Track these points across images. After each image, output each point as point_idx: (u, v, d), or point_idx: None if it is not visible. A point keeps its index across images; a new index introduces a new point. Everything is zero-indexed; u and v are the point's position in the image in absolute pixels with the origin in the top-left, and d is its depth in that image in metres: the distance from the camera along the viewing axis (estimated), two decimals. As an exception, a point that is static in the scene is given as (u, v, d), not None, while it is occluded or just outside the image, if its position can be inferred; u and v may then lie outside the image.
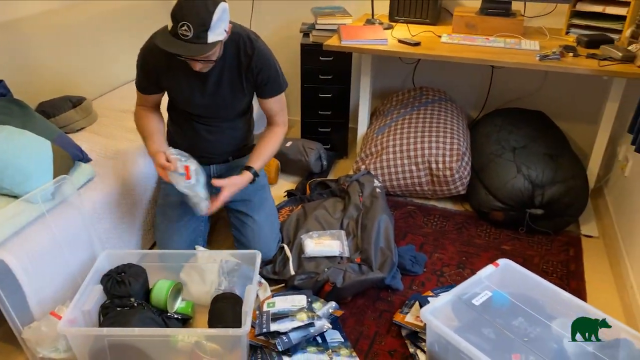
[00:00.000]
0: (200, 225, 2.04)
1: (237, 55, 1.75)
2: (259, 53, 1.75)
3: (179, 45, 1.52)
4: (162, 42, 1.54)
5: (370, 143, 2.58)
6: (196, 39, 1.51)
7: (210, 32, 1.52)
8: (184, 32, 1.50)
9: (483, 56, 2.18)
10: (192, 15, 1.48)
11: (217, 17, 1.51)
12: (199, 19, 1.49)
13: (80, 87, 2.41)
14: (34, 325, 1.51)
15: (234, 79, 1.78)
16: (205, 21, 1.50)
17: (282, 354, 1.55)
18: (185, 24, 1.49)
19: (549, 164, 2.24)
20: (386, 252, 1.97)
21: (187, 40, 1.51)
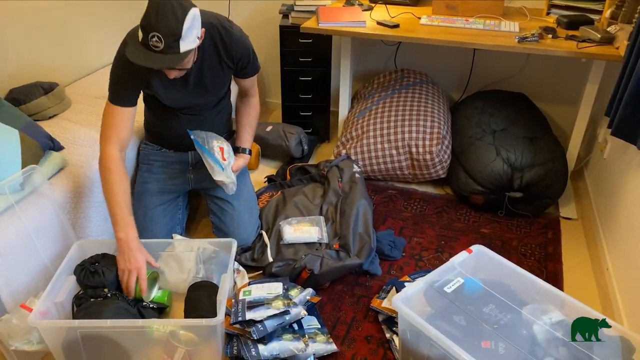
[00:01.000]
0: (178, 213, 2.02)
1: (213, 46, 1.72)
2: (236, 40, 1.73)
3: (151, 57, 1.47)
4: (134, 55, 1.49)
5: (350, 127, 2.56)
6: (168, 50, 1.46)
7: (182, 42, 1.47)
8: (155, 44, 1.45)
9: (462, 38, 2.15)
10: (161, 26, 1.43)
11: (187, 25, 1.46)
12: (169, 29, 1.43)
13: (52, 72, 2.35)
14: (4, 318, 1.49)
15: (215, 68, 1.76)
16: (176, 31, 1.44)
17: (257, 342, 1.55)
18: (156, 35, 1.43)
19: (528, 147, 2.24)
20: (364, 237, 1.96)
21: (159, 51, 1.46)
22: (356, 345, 1.68)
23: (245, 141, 1.97)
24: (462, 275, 1.41)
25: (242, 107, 1.96)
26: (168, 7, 1.43)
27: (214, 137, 1.86)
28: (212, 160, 1.80)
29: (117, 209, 1.62)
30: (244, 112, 1.96)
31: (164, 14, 1.43)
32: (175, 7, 1.44)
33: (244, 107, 1.96)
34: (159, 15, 1.42)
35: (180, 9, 1.45)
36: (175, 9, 1.44)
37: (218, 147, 1.82)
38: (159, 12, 1.43)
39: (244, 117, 1.97)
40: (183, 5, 1.46)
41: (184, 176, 1.97)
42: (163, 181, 1.93)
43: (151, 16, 1.43)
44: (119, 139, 1.70)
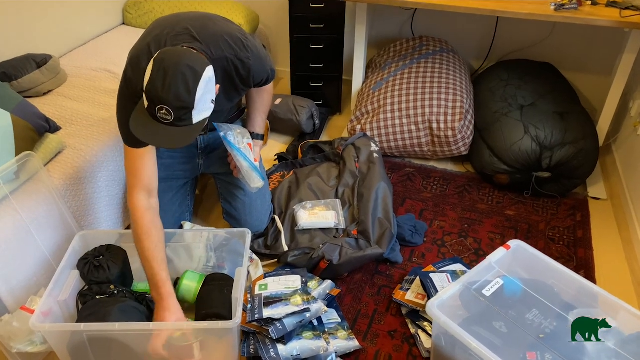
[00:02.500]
0: (187, 200, 1.90)
1: (229, 79, 1.50)
2: (255, 70, 1.51)
3: (159, 131, 1.25)
4: (138, 129, 1.27)
5: (366, 100, 2.40)
6: (179, 122, 1.24)
7: (195, 112, 1.25)
8: (164, 116, 1.23)
9: (488, 5, 1.96)
10: (170, 98, 1.20)
11: (200, 94, 1.23)
12: (180, 102, 1.21)
13: (43, 43, 2.17)
14: (5, 319, 1.39)
15: (230, 93, 1.57)
16: (187, 103, 1.22)
17: (276, 341, 1.46)
18: (164, 108, 1.22)
19: (559, 123, 2.09)
20: (385, 223, 1.84)
21: (168, 124, 1.25)
22: (379, 341, 1.58)
23: (258, 126, 1.81)
24: (500, 274, 1.29)
25: (255, 90, 1.77)
26: (178, 74, 1.20)
27: (241, 132, 1.69)
28: (249, 165, 1.64)
29: (148, 265, 1.44)
30: (257, 95, 1.77)
31: (174, 84, 1.20)
32: (186, 74, 1.21)
33: (256, 91, 1.77)
34: (166, 85, 1.20)
35: (192, 75, 1.22)
36: (187, 76, 1.21)
37: (246, 145, 1.66)
38: (166, 80, 1.20)
39: (257, 101, 1.78)
40: (196, 70, 1.23)
41: (193, 161, 1.83)
42: (171, 167, 1.79)
43: (157, 84, 1.21)
44: (144, 186, 1.48)
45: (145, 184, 1.48)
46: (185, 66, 1.22)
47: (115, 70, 2.16)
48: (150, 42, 1.42)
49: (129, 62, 1.44)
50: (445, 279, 1.64)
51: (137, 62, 1.41)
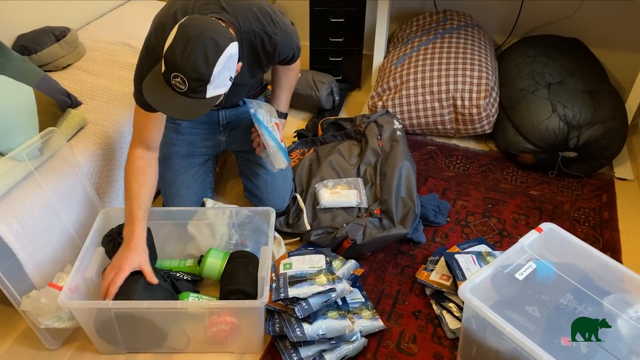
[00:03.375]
0: (209, 176, 1.88)
1: (254, 53, 1.46)
2: (281, 46, 1.46)
3: (171, 100, 1.22)
4: (151, 93, 1.24)
5: (387, 76, 2.35)
6: (192, 93, 1.21)
7: (211, 86, 1.22)
8: (178, 84, 1.20)
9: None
10: (187, 68, 1.17)
11: (219, 69, 1.20)
12: (196, 73, 1.18)
13: (61, 15, 2.13)
14: (32, 295, 1.39)
15: (254, 69, 1.53)
16: (204, 76, 1.19)
17: (301, 320, 1.45)
18: (180, 76, 1.18)
19: (588, 102, 2.03)
20: (408, 202, 1.82)
21: (181, 93, 1.21)
22: (403, 322, 1.58)
23: (282, 105, 1.78)
24: (532, 258, 1.27)
25: (282, 68, 1.72)
26: (199, 44, 1.17)
27: (270, 111, 1.65)
28: (276, 145, 1.61)
29: (128, 203, 1.44)
30: (283, 74, 1.73)
31: (193, 54, 1.16)
32: (207, 46, 1.17)
33: (282, 69, 1.72)
34: (185, 53, 1.16)
35: (213, 48, 1.18)
36: (208, 48, 1.17)
37: (274, 124, 1.63)
38: (186, 49, 1.16)
39: (283, 80, 1.74)
40: (219, 43, 1.19)
41: (215, 137, 1.80)
42: (193, 143, 1.77)
43: (176, 51, 1.17)
44: (145, 143, 1.49)
45: (147, 142, 1.49)
46: (209, 38, 1.18)
47: (134, 44, 2.12)
48: (177, 9, 1.38)
49: (154, 29, 1.40)
50: (470, 260, 1.63)
51: (162, 29, 1.37)
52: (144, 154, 1.49)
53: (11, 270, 1.39)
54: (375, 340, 1.52)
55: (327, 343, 1.45)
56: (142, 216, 1.44)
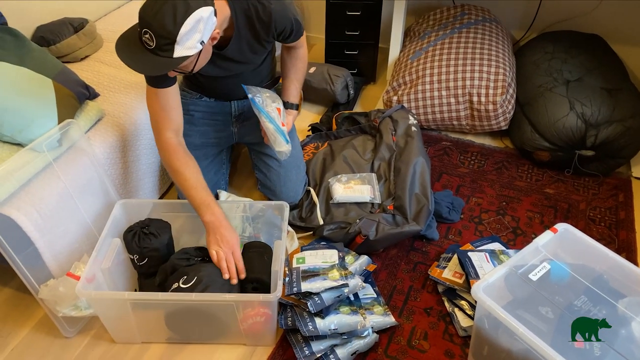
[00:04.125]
0: (223, 168, 1.89)
1: (249, 25, 1.47)
2: (276, 16, 1.47)
3: (139, 56, 1.25)
4: (122, 48, 1.27)
5: (403, 70, 2.33)
6: (159, 51, 1.23)
7: (178, 46, 1.23)
8: (147, 41, 1.23)
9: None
10: (154, 24, 1.20)
11: (187, 29, 1.21)
12: (163, 29, 1.20)
13: (79, 6, 2.14)
14: (50, 284, 1.42)
15: (254, 45, 1.53)
16: (171, 34, 1.21)
17: (314, 315, 1.46)
18: (148, 32, 1.21)
19: (607, 100, 2.00)
20: (422, 199, 1.81)
21: (150, 50, 1.24)
22: (415, 318, 1.58)
23: (292, 96, 1.78)
24: (547, 258, 1.26)
25: (289, 59, 1.73)
26: (169, 3, 1.20)
27: (270, 96, 1.67)
28: (275, 128, 1.63)
29: (194, 193, 1.46)
30: (291, 64, 1.74)
31: (161, 11, 1.19)
32: (177, 6, 1.20)
33: (290, 60, 1.73)
34: (154, 9, 1.19)
35: (183, 7, 1.20)
36: (178, 7, 1.20)
37: (275, 109, 1.64)
38: (156, 6, 1.19)
39: (291, 70, 1.75)
40: (189, 4, 1.21)
41: (228, 129, 1.81)
42: (206, 134, 1.78)
43: (147, 8, 1.20)
44: (171, 125, 1.50)
45: (173, 124, 1.51)
46: None
47: (151, 36, 2.12)
48: None
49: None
50: (483, 258, 1.62)
51: None
52: (177, 139, 1.52)
53: (30, 259, 1.42)
54: (387, 336, 1.53)
55: (339, 338, 1.46)
56: (213, 199, 1.49)
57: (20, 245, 1.39)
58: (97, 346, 1.52)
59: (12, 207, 1.36)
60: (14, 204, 1.37)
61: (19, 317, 1.59)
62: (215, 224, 1.44)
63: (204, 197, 1.46)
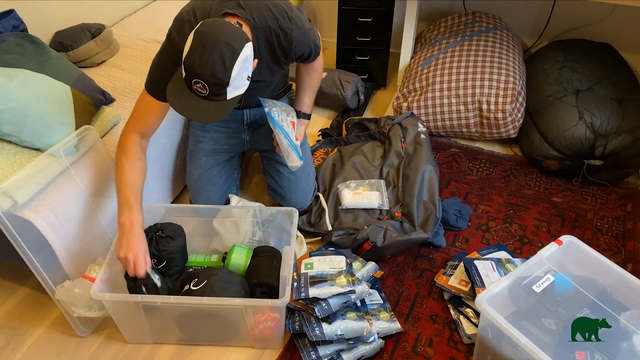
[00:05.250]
0: (234, 173, 1.93)
1: (270, 50, 1.49)
2: (297, 42, 1.49)
3: (194, 104, 1.28)
4: (175, 98, 1.30)
5: (413, 77, 2.35)
6: (213, 96, 1.27)
7: (230, 88, 1.27)
8: (199, 90, 1.26)
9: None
10: (206, 74, 1.22)
11: (237, 71, 1.24)
12: (215, 78, 1.23)
13: (95, 11, 2.19)
14: (66, 285, 1.47)
15: (272, 67, 1.56)
16: (223, 80, 1.24)
17: (321, 320, 1.50)
18: (200, 82, 1.24)
19: (616, 110, 2.01)
20: (430, 206, 1.84)
21: (203, 97, 1.27)
22: (420, 325, 1.61)
23: (305, 106, 1.81)
24: (551, 270, 1.28)
25: (304, 69, 1.75)
26: (215, 49, 1.21)
27: (286, 109, 1.70)
28: (289, 144, 1.65)
29: (125, 191, 1.45)
30: (306, 74, 1.76)
31: (210, 60, 1.21)
32: (223, 51, 1.22)
33: (306, 70, 1.75)
34: (203, 59, 1.21)
35: (229, 51, 1.22)
36: (224, 52, 1.22)
37: (289, 122, 1.67)
38: (204, 55, 1.21)
39: (306, 81, 1.77)
40: (233, 47, 1.23)
41: (239, 136, 1.85)
42: (218, 141, 1.82)
43: (194, 58, 1.22)
44: (142, 129, 1.53)
45: (145, 128, 1.54)
46: (224, 43, 1.23)
47: (165, 41, 2.17)
48: (197, 7, 1.43)
49: (174, 24, 1.46)
50: (489, 267, 1.64)
51: (181, 25, 1.43)
52: (140, 141, 1.53)
53: (46, 261, 1.46)
54: (392, 342, 1.56)
55: (345, 343, 1.49)
56: (140, 205, 1.47)
57: (38, 246, 1.44)
58: (110, 346, 1.56)
59: (30, 210, 1.41)
60: (33, 208, 1.41)
61: (36, 316, 1.64)
62: (127, 228, 1.41)
63: (131, 199, 1.44)
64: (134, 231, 1.41)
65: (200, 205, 1.74)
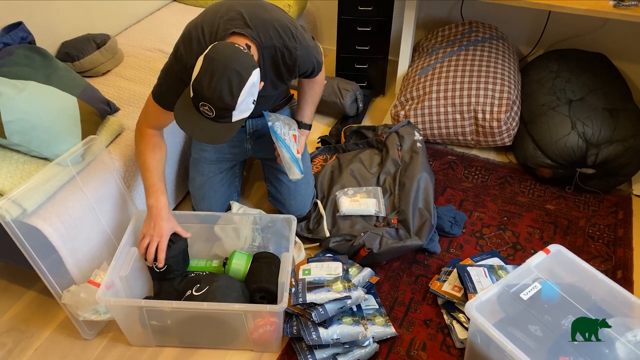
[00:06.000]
0: (236, 181, 1.99)
1: (275, 68, 1.54)
2: (301, 61, 1.54)
3: (200, 124, 1.34)
4: (182, 118, 1.36)
5: (411, 86, 2.40)
6: (219, 119, 1.33)
7: (236, 112, 1.32)
8: (206, 112, 1.31)
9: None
10: (213, 99, 1.28)
11: (243, 97, 1.30)
12: (222, 103, 1.28)
13: (100, 22, 2.25)
14: (72, 290, 1.52)
15: (276, 83, 1.61)
16: (229, 105, 1.29)
17: (317, 325, 1.55)
18: (207, 105, 1.29)
19: (607, 120, 2.06)
20: (425, 214, 1.89)
21: (210, 118, 1.33)
22: (414, 329, 1.66)
23: (307, 116, 1.87)
24: (539, 279, 1.33)
25: (306, 81, 1.81)
26: (224, 77, 1.26)
27: (288, 122, 1.75)
28: (290, 157, 1.71)
29: (149, 175, 1.57)
30: (308, 86, 1.82)
31: (218, 87, 1.26)
32: (231, 78, 1.26)
33: (308, 82, 1.80)
34: (212, 84, 1.26)
35: (237, 79, 1.27)
36: (232, 79, 1.26)
37: (291, 136, 1.73)
38: (212, 81, 1.26)
39: (307, 92, 1.83)
40: (241, 75, 1.27)
41: (242, 145, 1.90)
42: (221, 150, 1.87)
43: (203, 83, 1.27)
44: (155, 126, 1.63)
45: (157, 126, 1.63)
46: (232, 70, 1.27)
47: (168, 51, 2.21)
48: (204, 24, 1.47)
49: (182, 39, 1.51)
50: (482, 273, 1.69)
51: (189, 41, 1.48)
52: (156, 132, 1.63)
53: (53, 266, 1.52)
54: (387, 346, 1.61)
55: (341, 347, 1.55)
56: (164, 188, 1.59)
57: (45, 252, 1.50)
58: (114, 348, 1.62)
59: (38, 217, 1.46)
60: (41, 215, 1.47)
61: (42, 319, 1.70)
62: (155, 210, 1.54)
63: (156, 182, 1.56)
64: (161, 214, 1.54)
65: (202, 212, 1.79)
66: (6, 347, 1.62)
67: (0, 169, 1.51)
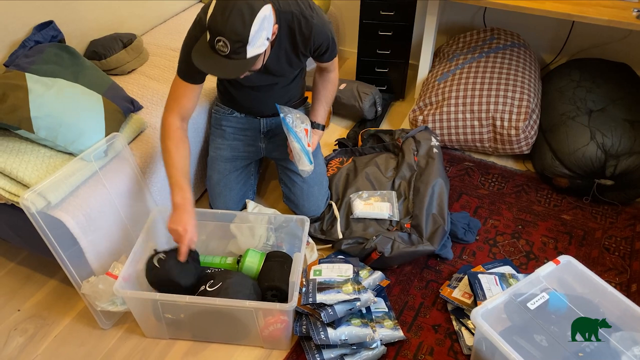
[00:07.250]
0: (251, 179, 2.03)
1: (291, 36, 1.60)
2: (316, 31, 1.59)
3: (216, 63, 1.40)
4: (199, 58, 1.42)
5: (430, 91, 2.41)
6: (234, 55, 1.38)
7: (250, 46, 1.37)
8: (221, 48, 1.36)
9: (565, 8, 1.91)
10: (227, 31, 1.33)
11: (255, 29, 1.35)
12: (235, 34, 1.34)
13: (127, 21, 2.31)
14: (92, 280, 1.58)
15: (291, 56, 1.66)
16: (243, 37, 1.34)
17: (326, 325, 1.58)
18: (222, 40, 1.35)
19: (628, 131, 2.04)
20: (438, 219, 1.90)
21: (225, 56, 1.38)
22: (423, 334, 1.67)
23: (320, 117, 1.90)
24: (547, 289, 1.34)
25: (320, 81, 1.85)
26: (235, 8, 1.33)
27: (300, 117, 1.79)
28: (301, 148, 1.75)
29: (174, 172, 1.60)
30: (321, 86, 1.86)
31: (231, 18, 1.32)
32: (242, 9, 1.33)
33: (321, 82, 1.85)
34: (224, 17, 1.33)
35: (248, 10, 1.33)
36: (243, 10, 1.33)
37: (303, 129, 1.76)
38: (224, 13, 1.33)
39: (321, 92, 1.87)
40: (252, 6, 1.34)
41: (256, 144, 1.95)
42: (236, 148, 1.92)
43: (217, 18, 1.34)
44: (180, 111, 1.66)
45: (183, 109, 1.66)
46: (244, 3, 1.34)
47: (192, 51, 2.28)
48: None
49: (202, 8, 1.57)
50: (492, 281, 1.70)
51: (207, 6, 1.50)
52: (181, 124, 1.67)
53: (74, 257, 1.58)
54: (395, 349, 1.63)
55: (349, 348, 1.57)
56: (189, 185, 1.62)
57: (67, 243, 1.56)
58: (129, 339, 1.67)
59: (62, 210, 1.52)
60: (64, 208, 1.53)
61: (62, 308, 1.76)
62: (181, 208, 1.56)
63: (181, 179, 1.59)
64: (187, 209, 1.57)
65: (219, 211, 1.83)
66: (28, 332, 1.69)
67: (27, 162, 1.57)
